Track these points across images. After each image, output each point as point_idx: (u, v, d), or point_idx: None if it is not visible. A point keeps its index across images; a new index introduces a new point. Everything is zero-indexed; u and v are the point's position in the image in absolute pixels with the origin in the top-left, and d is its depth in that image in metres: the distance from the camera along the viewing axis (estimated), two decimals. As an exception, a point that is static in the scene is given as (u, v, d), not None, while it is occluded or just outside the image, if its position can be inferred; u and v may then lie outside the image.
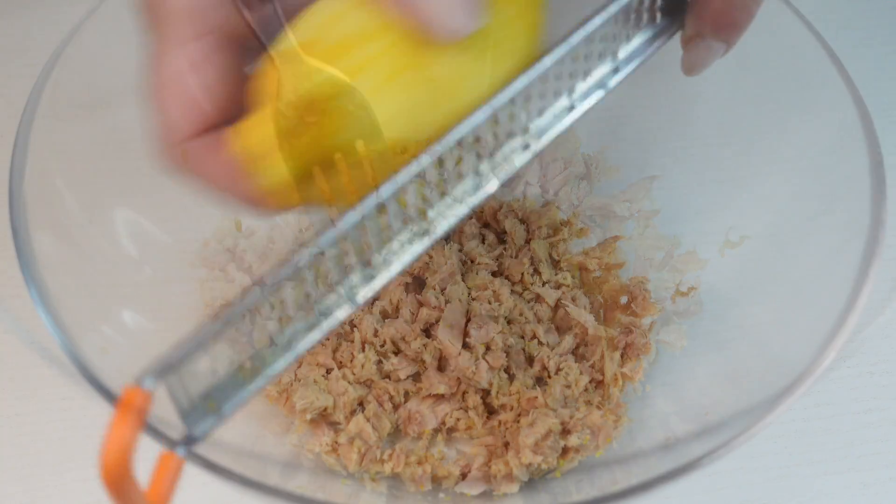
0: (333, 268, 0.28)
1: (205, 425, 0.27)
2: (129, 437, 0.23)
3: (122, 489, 0.24)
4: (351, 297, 0.28)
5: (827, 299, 0.36)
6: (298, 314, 0.28)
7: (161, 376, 0.25)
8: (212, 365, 0.26)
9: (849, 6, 0.62)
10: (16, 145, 0.37)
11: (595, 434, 0.40)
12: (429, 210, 0.29)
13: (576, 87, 0.31)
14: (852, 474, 0.44)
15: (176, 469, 0.26)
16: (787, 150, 0.44)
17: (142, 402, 0.24)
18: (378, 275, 0.28)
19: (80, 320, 0.35)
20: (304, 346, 0.28)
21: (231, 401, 0.27)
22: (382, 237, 0.28)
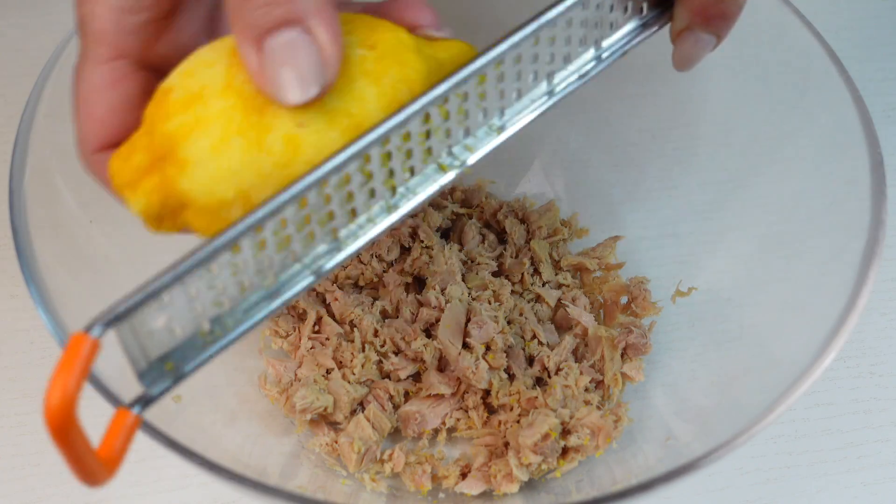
0: (296, 236, 0.27)
1: (162, 385, 0.26)
2: (74, 383, 0.23)
3: (66, 437, 0.23)
4: (315, 269, 0.28)
5: (827, 299, 0.36)
6: (259, 280, 0.27)
7: (110, 324, 0.24)
8: (169, 325, 0.26)
9: (849, 7, 0.62)
10: (16, 145, 0.37)
11: (595, 434, 0.40)
12: (398, 186, 0.29)
13: (555, 73, 0.31)
14: (852, 474, 0.44)
15: (130, 427, 0.26)
16: (787, 150, 0.44)
17: (89, 349, 0.23)
18: (344, 247, 0.28)
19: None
20: (263, 314, 0.27)
21: (190, 363, 0.27)
22: (348, 209, 0.28)
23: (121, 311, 0.25)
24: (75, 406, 0.23)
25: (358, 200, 0.28)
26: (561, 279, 0.47)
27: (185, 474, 0.42)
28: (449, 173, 0.29)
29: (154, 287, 0.25)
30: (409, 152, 0.28)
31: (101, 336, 0.24)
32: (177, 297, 0.26)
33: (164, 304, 0.25)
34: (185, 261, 0.25)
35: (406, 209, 0.29)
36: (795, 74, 0.43)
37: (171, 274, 0.25)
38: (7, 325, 0.46)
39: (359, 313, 0.45)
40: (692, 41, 0.34)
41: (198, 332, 0.27)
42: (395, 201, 0.29)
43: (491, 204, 0.49)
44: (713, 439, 0.34)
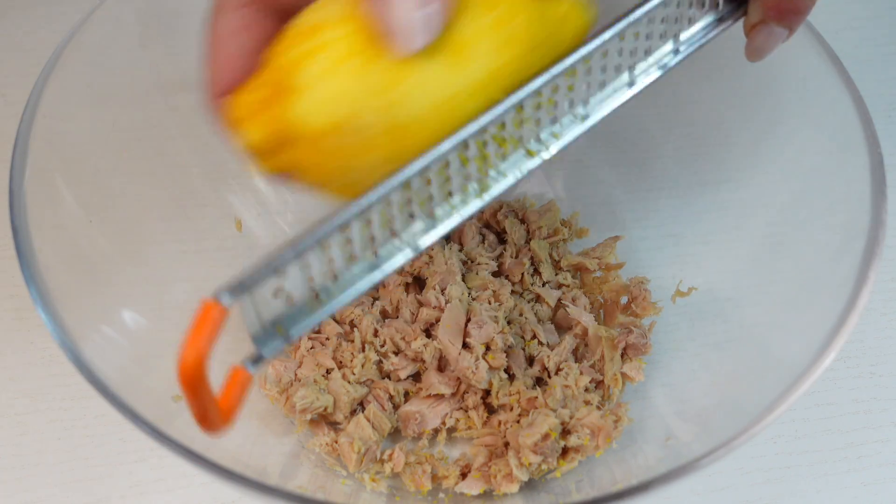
0: (398, 216, 0.29)
1: (273, 347, 0.29)
2: (205, 344, 0.26)
3: (197, 392, 0.26)
4: (412, 244, 0.30)
5: (827, 299, 0.36)
6: (363, 253, 0.29)
7: (236, 294, 0.27)
8: (284, 294, 0.28)
9: (849, 7, 0.62)
10: (16, 145, 0.37)
11: (595, 434, 0.40)
12: (489, 170, 0.30)
13: (637, 64, 0.33)
14: (852, 474, 0.44)
15: (244, 383, 0.29)
16: (788, 150, 0.44)
17: (217, 315, 0.26)
18: (439, 225, 0.30)
19: (80, 320, 0.35)
20: (365, 285, 0.30)
21: (297, 326, 0.29)
22: (445, 192, 0.30)
23: (247, 282, 0.27)
24: (206, 364, 0.26)
25: (454, 183, 0.30)
26: (561, 279, 0.47)
27: (185, 474, 0.42)
28: (535, 158, 0.31)
29: (277, 262, 0.27)
30: (502, 140, 0.30)
31: (229, 305, 0.26)
32: (293, 269, 0.28)
33: (283, 276, 0.28)
34: (304, 238, 0.27)
35: (496, 191, 0.31)
36: (795, 74, 0.43)
37: (292, 250, 0.27)
38: (7, 325, 0.46)
39: (359, 313, 0.45)
40: (765, 34, 0.35)
41: (307, 299, 0.29)
42: (488, 183, 0.31)
43: (491, 204, 0.49)
44: (713, 439, 0.34)
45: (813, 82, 0.42)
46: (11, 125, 0.38)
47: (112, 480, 0.42)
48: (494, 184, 0.31)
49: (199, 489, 0.42)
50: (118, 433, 0.43)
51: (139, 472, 0.42)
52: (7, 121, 0.53)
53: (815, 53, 0.41)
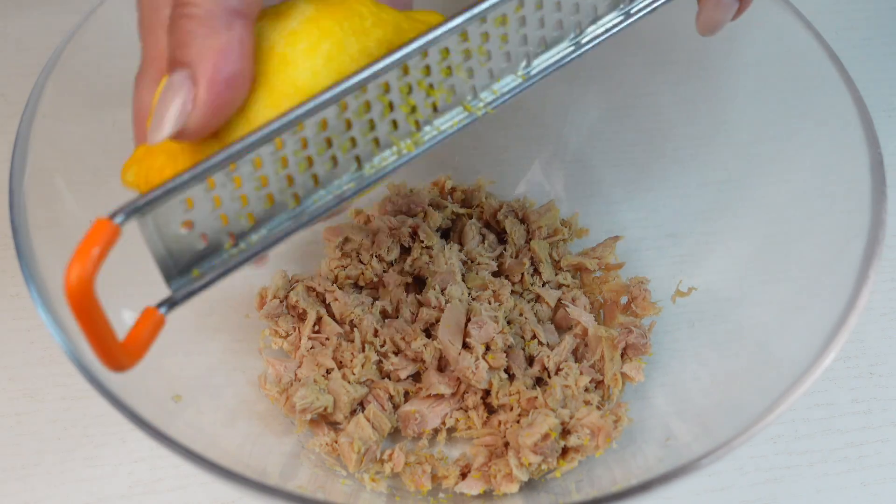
0: (318, 159, 0.28)
1: (187, 289, 0.28)
2: (93, 263, 0.24)
3: (87, 315, 0.25)
4: (338, 194, 0.29)
5: (827, 299, 0.36)
6: (283, 198, 0.28)
7: (132, 213, 0.26)
8: (194, 231, 0.27)
9: (849, 7, 0.62)
10: (16, 145, 0.37)
11: (595, 434, 0.40)
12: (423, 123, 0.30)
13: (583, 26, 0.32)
14: (852, 474, 0.44)
15: (155, 325, 0.27)
16: (788, 150, 0.44)
17: (109, 232, 0.25)
18: (367, 176, 0.30)
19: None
20: (283, 232, 0.29)
21: (214, 271, 0.28)
22: (370, 139, 0.29)
23: (142, 202, 0.26)
24: (93, 285, 0.24)
25: (380, 130, 0.29)
26: (561, 279, 0.47)
27: (185, 474, 0.42)
28: (474, 113, 0.31)
29: (175, 182, 0.26)
30: (430, 87, 0.29)
31: (122, 223, 0.25)
32: (200, 200, 0.27)
33: (188, 207, 0.27)
34: (205, 161, 0.27)
35: (430, 143, 0.30)
36: (795, 74, 0.43)
37: (190, 172, 0.26)
38: (7, 325, 0.46)
39: (359, 313, 0.45)
40: (713, 4, 0.35)
41: (223, 244, 0.28)
42: (421, 136, 0.30)
43: (491, 204, 0.49)
44: (713, 439, 0.34)
45: (813, 82, 0.42)
46: (11, 125, 0.38)
47: (112, 480, 0.42)
48: (428, 138, 0.30)
49: (199, 489, 0.42)
50: (118, 433, 0.43)
51: (139, 472, 0.42)
52: (7, 121, 0.53)
53: (815, 53, 0.41)
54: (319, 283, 0.46)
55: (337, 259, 0.47)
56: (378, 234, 0.47)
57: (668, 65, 0.49)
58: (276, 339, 0.45)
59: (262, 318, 0.46)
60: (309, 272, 0.48)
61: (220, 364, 0.43)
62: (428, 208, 0.48)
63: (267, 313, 0.45)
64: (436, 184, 0.50)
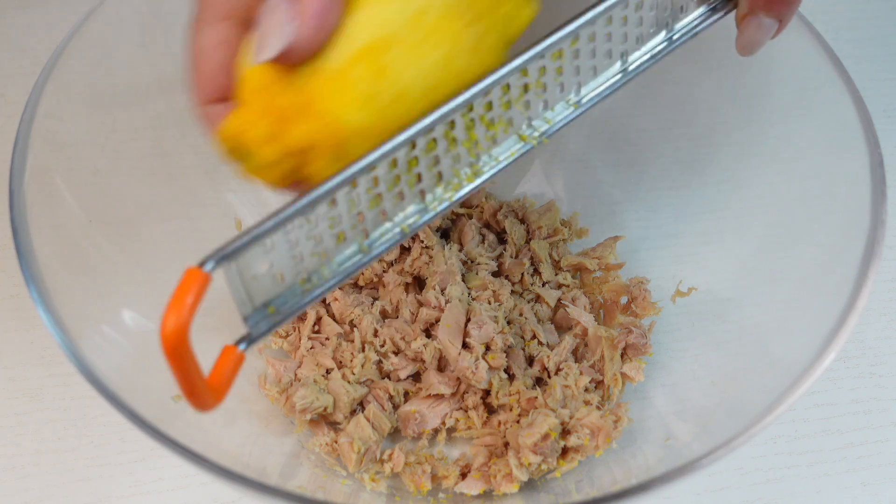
0: (387, 195, 0.30)
1: (263, 326, 0.29)
2: (188, 311, 0.25)
3: (181, 361, 0.26)
4: (403, 227, 0.31)
5: (827, 299, 0.36)
6: (353, 234, 0.30)
7: (219, 261, 0.27)
8: (272, 271, 0.28)
9: (849, 7, 0.62)
10: (16, 145, 0.37)
11: (595, 434, 0.40)
12: (482, 154, 0.31)
13: (629, 53, 0.33)
14: (852, 474, 0.44)
15: (236, 362, 0.29)
16: (787, 150, 0.44)
17: (200, 281, 0.26)
18: (431, 209, 0.31)
19: (80, 320, 0.35)
20: (355, 266, 0.30)
21: (288, 306, 0.29)
22: (435, 172, 0.30)
23: (229, 250, 0.27)
24: (188, 332, 0.25)
25: (444, 164, 0.30)
26: (561, 279, 0.47)
27: (185, 474, 0.42)
28: (528, 143, 0.32)
29: (259, 231, 0.27)
30: (490, 122, 0.30)
31: (212, 271, 0.26)
32: (279, 243, 0.28)
33: (268, 248, 0.28)
34: (286, 208, 0.28)
35: (489, 174, 0.31)
36: (795, 74, 0.43)
37: (273, 220, 0.27)
38: (7, 325, 0.46)
39: (358, 313, 0.45)
40: (755, 26, 0.35)
41: (297, 280, 0.29)
42: (481, 166, 0.31)
43: (491, 204, 0.49)
44: (713, 439, 0.34)
45: (813, 82, 0.42)
46: (11, 125, 0.38)
47: (112, 480, 0.42)
48: (486, 168, 0.31)
49: (199, 489, 0.42)
50: (118, 433, 0.43)
51: (139, 472, 0.42)
52: (7, 121, 0.53)
53: (815, 53, 0.41)
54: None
55: (337, 259, 0.47)
56: (378, 234, 0.47)
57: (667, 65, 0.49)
58: (276, 339, 0.45)
59: (262, 318, 0.46)
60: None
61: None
62: (428, 208, 0.48)
63: (267, 313, 0.45)
64: (436, 184, 0.50)
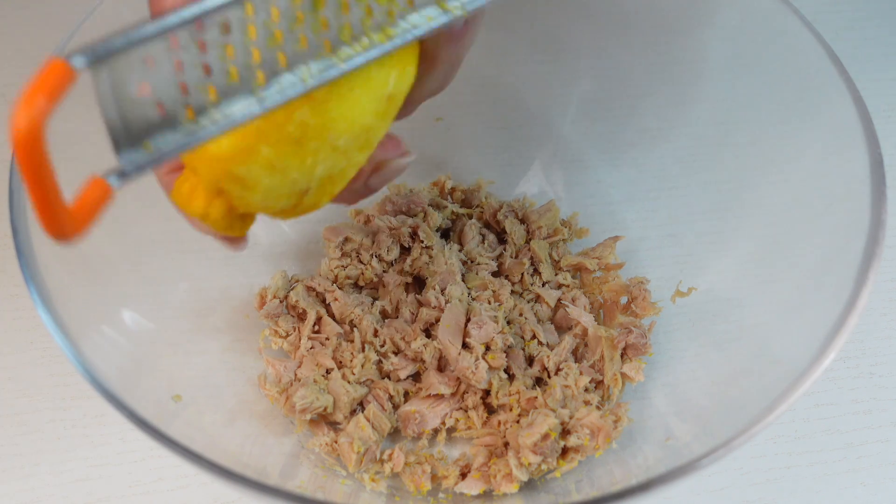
0: (288, 36, 0.27)
1: (136, 160, 0.26)
2: (44, 105, 0.22)
3: (34, 167, 0.22)
4: (306, 80, 0.28)
5: (827, 299, 0.36)
6: (248, 74, 0.27)
7: (90, 58, 0.23)
8: (152, 95, 0.25)
9: (849, 7, 0.62)
10: (16, 145, 0.37)
11: (595, 434, 0.40)
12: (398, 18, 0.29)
13: None
14: (852, 474, 0.44)
15: (102, 195, 0.25)
16: (788, 150, 0.44)
17: (64, 74, 0.22)
18: (339, 65, 0.28)
19: (80, 320, 0.35)
20: (245, 114, 0.27)
21: (166, 142, 0.26)
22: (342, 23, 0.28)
23: (102, 47, 0.23)
24: (43, 132, 0.22)
25: (354, 15, 0.28)
26: (561, 279, 0.47)
27: (185, 474, 0.42)
28: (448, 13, 0.29)
29: (137, 33, 0.24)
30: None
31: (79, 68, 0.23)
32: (161, 60, 0.25)
33: (147, 65, 0.25)
34: (170, 15, 0.24)
35: (404, 38, 0.29)
36: (795, 74, 0.43)
37: (156, 25, 0.24)
38: (7, 325, 0.46)
39: (359, 313, 0.45)
40: None
41: (180, 118, 0.26)
42: (395, 29, 0.29)
43: (491, 204, 0.49)
44: (713, 439, 0.34)
45: (813, 82, 0.42)
46: (11, 125, 0.38)
47: (112, 480, 0.42)
48: (401, 32, 0.29)
49: (199, 489, 0.42)
50: (118, 433, 0.43)
51: (139, 472, 0.42)
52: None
53: (815, 53, 0.41)
54: (319, 283, 0.46)
55: (337, 259, 0.47)
56: (378, 234, 0.47)
57: (668, 65, 0.49)
58: (276, 339, 0.45)
59: (262, 318, 0.46)
60: (309, 272, 0.48)
61: (220, 364, 0.43)
62: (428, 208, 0.48)
63: (267, 313, 0.45)
64: (436, 184, 0.50)
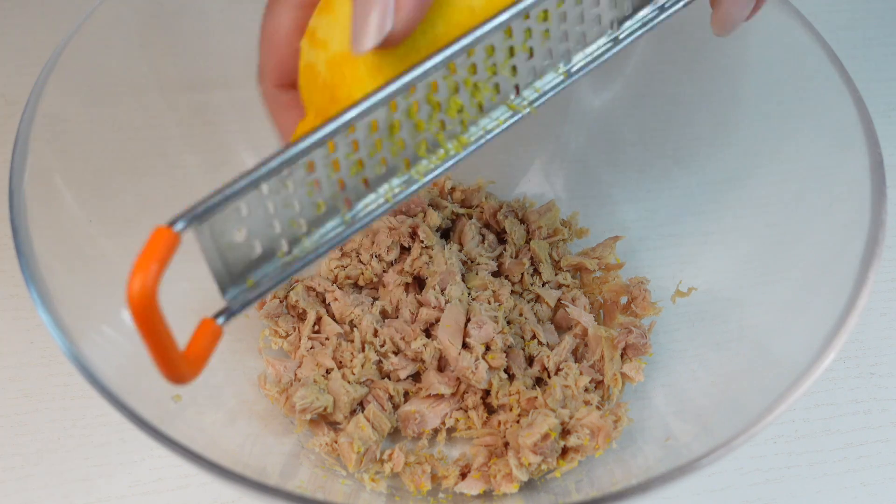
0: (368, 161, 0.29)
1: (243, 300, 0.28)
2: (155, 271, 0.24)
3: (149, 324, 0.25)
4: (388, 198, 0.30)
5: (827, 299, 0.36)
6: (334, 203, 0.29)
7: (191, 221, 0.26)
8: (248, 239, 0.27)
9: (849, 7, 0.62)
10: (16, 145, 0.37)
11: (595, 434, 0.40)
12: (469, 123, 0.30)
13: (621, 22, 0.32)
14: (852, 474, 0.44)
15: (213, 336, 0.27)
16: (788, 150, 0.44)
17: (169, 240, 0.25)
18: (417, 179, 0.30)
19: (80, 320, 0.35)
20: (340, 238, 0.29)
21: (270, 280, 0.28)
22: (418, 140, 0.30)
23: (200, 209, 0.26)
24: (156, 294, 0.24)
25: (428, 132, 0.30)
26: (561, 279, 0.47)
27: (185, 474, 0.42)
28: (518, 112, 0.31)
29: (230, 190, 0.26)
30: (475, 86, 0.30)
31: (181, 231, 0.25)
32: (254, 208, 0.27)
33: (243, 213, 0.27)
34: (258, 168, 0.27)
35: (477, 144, 0.31)
36: (795, 74, 0.43)
37: (245, 179, 0.26)
38: (7, 325, 0.46)
39: (358, 313, 0.45)
40: (730, 3, 0.34)
41: (277, 251, 0.28)
42: (468, 137, 0.30)
43: (491, 204, 0.49)
44: (713, 439, 0.34)
45: (813, 82, 0.42)
46: (11, 125, 0.38)
47: (112, 480, 0.42)
48: (474, 138, 0.31)
49: (199, 489, 0.42)
50: (118, 433, 0.43)
51: (139, 472, 0.42)
52: (7, 121, 0.53)
53: (815, 53, 0.41)
54: (319, 283, 0.46)
55: (337, 259, 0.47)
56: (378, 234, 0.47)
57: (668, 65, 0.49)
58: (275, 339, 0.45)
59: (261, 318, 0.46)
60: (309, 272, 0.48)
61: (220, 364, 0.43)
62: (427, 208, 0.48)
63: (267, 313, 0.45)
64: (435, 184, 0.50)
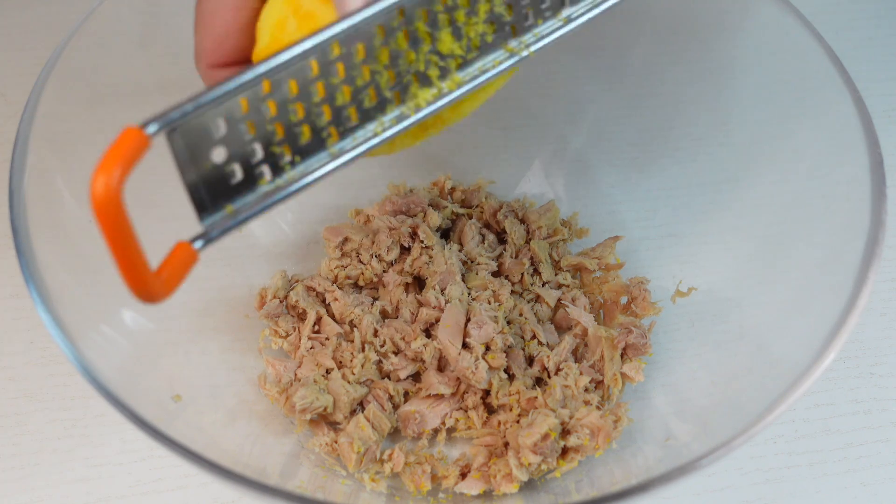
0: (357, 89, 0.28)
1: (222, 226, 0.27)
2: (120, 172, 0.23)
3: (115, 229, 0.23)
4: (378, 132, 0.29)
5: (827, 299, 0.36)
6: (321, 130, 0.28)
7: (164, 124, 0.24)
8: (228, 160, 0.26)
9: (849, 7, 0.62)
10: (16, 145, 0.37)
11: (595, 434, 0.40)
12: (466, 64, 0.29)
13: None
14: (852, 474, 0.44)
15: (188, 259, 0.26)
16: (787, 150, 0.44)
17: (138, 141, 0.23)
18: (407, 117, 0.29)
19: (80, 320, 0.35)
20: (326, 170, 0.28)
21: (249, 208, 0.27)
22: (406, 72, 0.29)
23: (175, 114, 0.25)
24: (121, 196, 0.23)
25: (419, 62, 0.29)
26: (561, 279, 0.47)
27: (185, 474, 0.42)
28: (515, 55, 0.30)
29: (206, 97, 0.25)
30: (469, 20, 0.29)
31: (153, 134, 0.24)
32: (233, 126, 0.26)
33: (221, 132, 0.26)
34: (234, 77, 0.26)
35: (474, 83, 0.30)
36: (795, 74, 0.43)
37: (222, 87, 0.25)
38: (7, 325, 0.46)
39: (358, 313, 0.45)
40: None
41: (259, 179, 0.27)
42: (463, 76, 0.30)
43: (491, 204, 0.49)
44: (713, 439, 0.34)
45: (813, 82, 0.42)
46: (11, 125, 0.38)
47: (112, 480, 0.42)
48: (469, 78, 0.30)
49: (199, 489, 0.42)
50: (118, 433, 0.43)
51: (139, 472, 0.42)
52: (7, 121, 0.53)
53: (815, 53, 0.41)
54: (319, 283, 0.46)
55: (337, 259, 0.47)
56: (378, 234, 0.47)
57: (668, 65, 0.49)
58: (275, 339, 0.45)
59: (262, 318, 0.46)
60: (309, 272, 0.48)
61: (220, 364, 0.43)
62: (427, 208, 0.48)
63: (267, 313, 0.45)
64: (435, 184, 0.50)
